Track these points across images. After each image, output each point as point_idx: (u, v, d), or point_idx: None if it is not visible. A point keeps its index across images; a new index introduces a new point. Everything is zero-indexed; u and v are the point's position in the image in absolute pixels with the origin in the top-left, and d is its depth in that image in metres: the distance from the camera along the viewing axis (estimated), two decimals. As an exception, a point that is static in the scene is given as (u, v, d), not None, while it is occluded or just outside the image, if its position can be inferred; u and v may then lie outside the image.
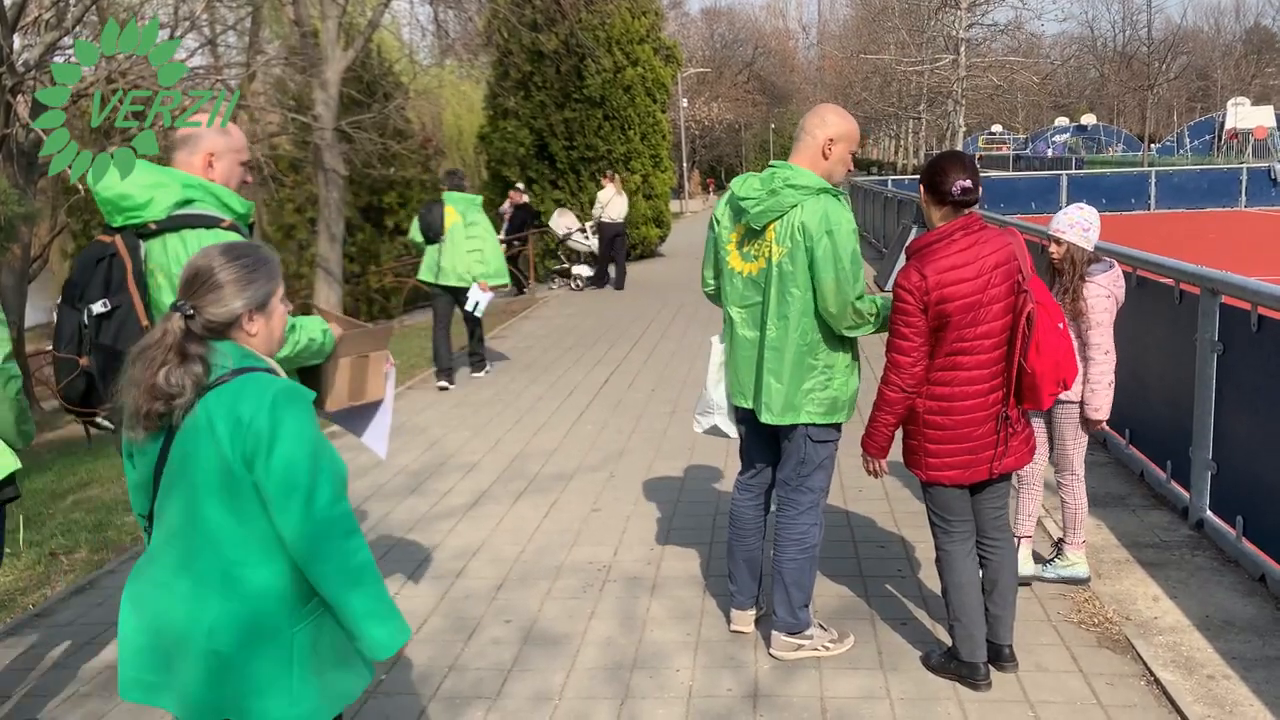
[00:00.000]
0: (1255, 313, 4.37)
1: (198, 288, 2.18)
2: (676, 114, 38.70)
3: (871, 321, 3.55)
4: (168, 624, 2.22)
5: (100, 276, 2.92)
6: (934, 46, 39.49)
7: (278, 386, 2.17)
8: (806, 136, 3.64)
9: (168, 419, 2.16)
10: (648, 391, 8.55)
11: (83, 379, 2.94)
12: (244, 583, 2.17)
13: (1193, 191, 27.73)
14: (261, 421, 2.10)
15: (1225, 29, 79.50)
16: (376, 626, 2.20)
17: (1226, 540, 4.63)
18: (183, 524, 2.20)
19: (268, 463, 2.10)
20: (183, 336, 2.15)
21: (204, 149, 3.07)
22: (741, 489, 3.99)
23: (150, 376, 2.13)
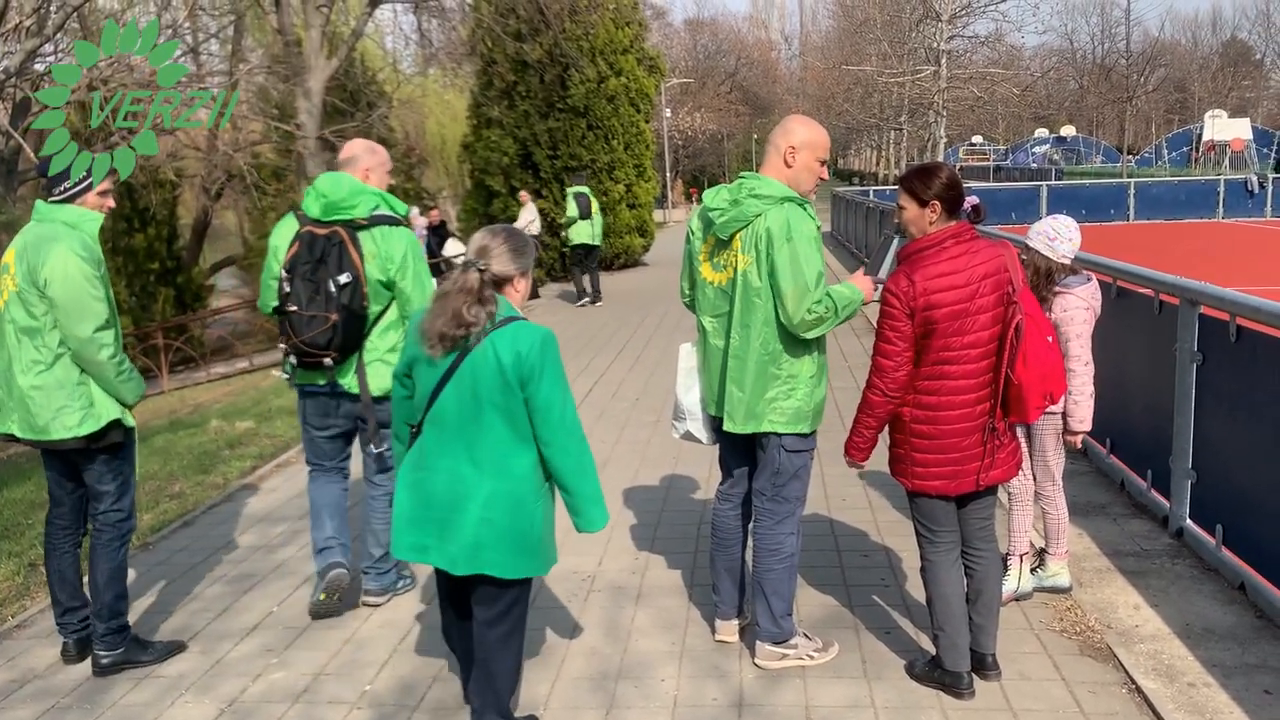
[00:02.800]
0: (1234, 323, 4.42)
1: (487, 254, 3.02)
2: (660, 124, 38.78)
3: (829, 319, 3.52)
4: (445, 498, 3.01)
5: (334, 256, 4.05)
6: (915, 58, 39.73)
7: (543, 332, 3.00)
8: (770, 147, 3.69)
9: (461, 343, 2.94)
10: (631, 401, 8.56)
11: (331, 330, 4.05)
12: (510, 468, 3.00)
13: (1171, 203, 27.98)
14: (535, 356, 2.94)
15: (1202, 42, 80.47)
16: (595, 507, 3.12)
17: (1206, 549, 4.67)
18: (466, 425, 2.98)
19: (539, 385, 2.95)
20: (479, 286, 2.95)
21: (362, 166, 4.28)
22: (722, 499, 4.01)
23: (455, 310, 2.92)
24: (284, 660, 4.10)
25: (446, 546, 3.01)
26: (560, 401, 2.99)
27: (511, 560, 3.02)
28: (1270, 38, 76.94)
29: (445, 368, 2.98)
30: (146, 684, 3.94)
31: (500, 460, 2.99)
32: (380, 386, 4.27)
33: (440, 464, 3.03)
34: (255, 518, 5.97)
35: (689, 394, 3.93)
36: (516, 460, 3.01)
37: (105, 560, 3.98)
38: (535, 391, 2.95)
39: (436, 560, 3.04)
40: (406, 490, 3.10)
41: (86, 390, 3.85)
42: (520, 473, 3.02)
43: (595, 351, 11.06)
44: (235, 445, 7.83)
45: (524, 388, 2.95)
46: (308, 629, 4.37)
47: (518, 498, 3.01)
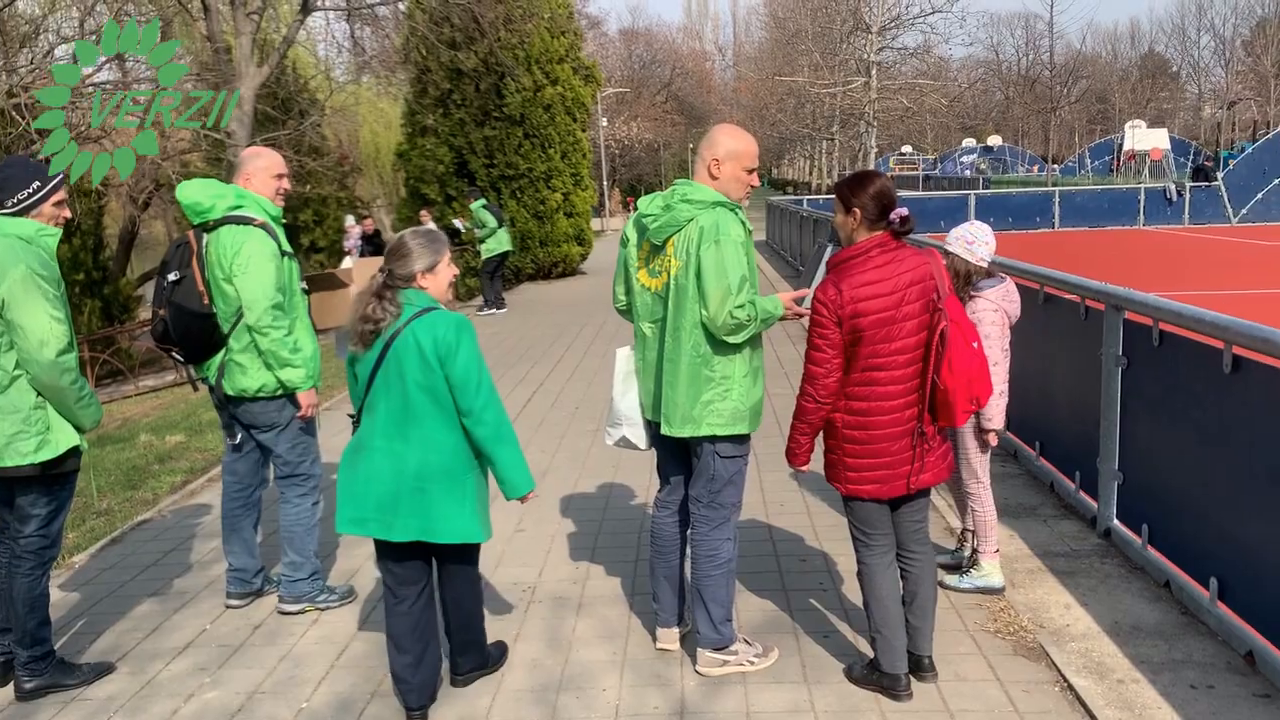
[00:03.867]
0: (1156, 328, 4.55)
1: (393, 256, 3.39)
2: (596, 133, 38.82)
3: (751, 324, 3.56)
4: (381, 474, 3.37)
5: (175, 258, 4.32)
6: (846, 69, 40.31)
7: (458, 317, 3.39)
8: (698, 158, 3.74)
9: (376, 337, 3.33)
10: (571, 410, 8.54)
11: (161, 323, 4.33)
12: (440, 443, 3.37)
13: (1094, 210, 28.75)
14: (451, 338, 3.30)
15: (1122, 55, 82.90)
16: (517, 473, 3.48)
17: (1133, 548, 4.80)
18: (396, 407, 3.35)
19: (455, 362, 3.31)
20: (381, 286, 3.36)
21: (244, 172, 4.39)
22: (660, 506, 4.02)
23: (361, 308, 3.35)
24: (217, 679, 4.01)
25: (385, 518, 3.39)
26: (476, 375, 3.35)
27: (448, 526, 3.42)
28: (1186, 51, 79.59)
29: (375, 358, 3.37)
30: (73, 707, 3.83)
31: (429, 436, 3.37)
32: (237, 386, 4.34)
33: (375, 444, 3.41)
34: (186, 533, 5.84)
35: (625, 398, 3.94)
36: (444, 436, 3.39)
37: (26, 588, 3.84)
38: (453, 368, 3.32)
39: (375, 531, 3.42)
40: (346, 470, 3.48)
41: (44, 415, 3.73)
42: (449, 447, 3.40)
43: (533, 361, 11.02)
44: (165, 460, 7.65)
45: (443, 366, 3.32)
46: (243, 646, 4.29)
47: (448, 469, 3.40)
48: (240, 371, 4.34)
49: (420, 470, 3.37)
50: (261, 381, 4.35)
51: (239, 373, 4.35)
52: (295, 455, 4.53)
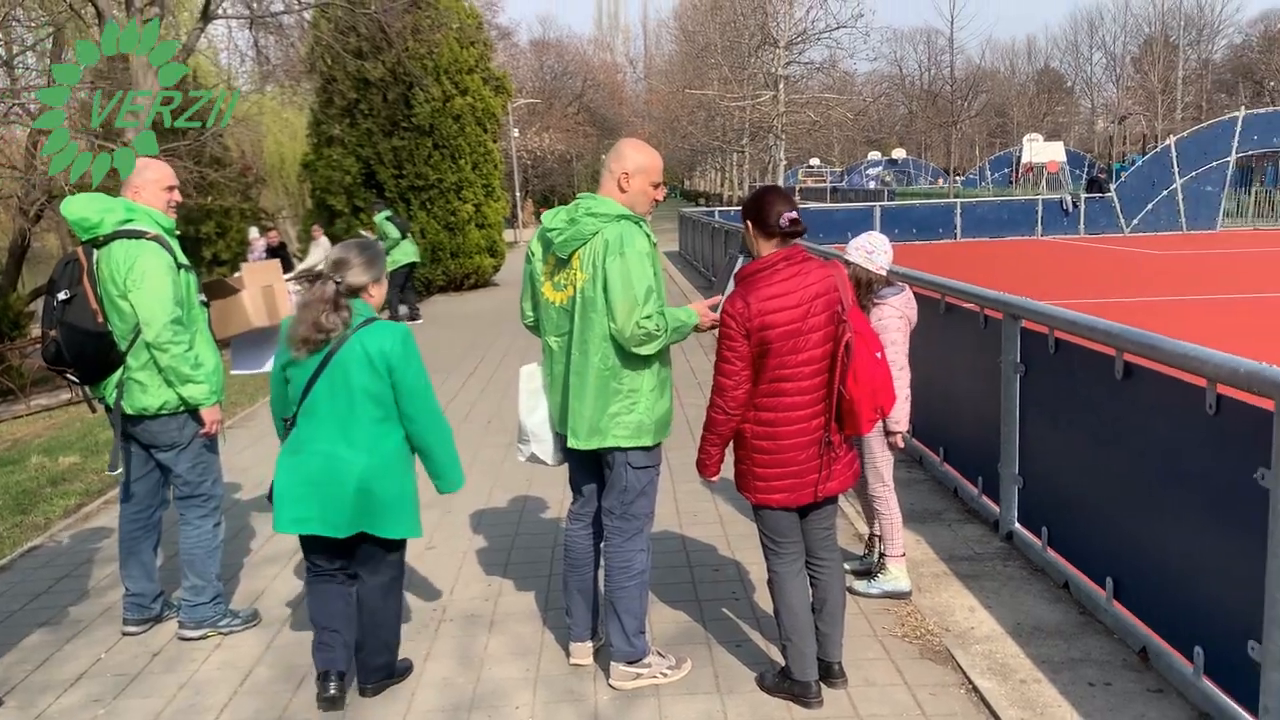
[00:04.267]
0: (1052, 336, 4.70)
1: (342, 267, 3.57)
2: (508, 143, 38.62)
3: (660, 336, 3.58)
4: (326, 476, 3.54)
5: (64, 276, 4.16)
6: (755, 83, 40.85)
7: (402, 328, 3.62)
8: (606, 172, 3.75)
9: (323, 345, 3.50)
10: (484, 424, 8.46)
11: (53, 345, 4.16)
12: (383, 445, 3.60)
13: (994, 222, 29.60)
14: (399, 348, 3.55)
15: (1019, 70, 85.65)
16: (454, 470, 3.76)
17: (1034, 550, 4.94)
18: (340, 411, 3.54)
19: (405, 372, 3.56)
20: (335, 295, 3.51)
21: (131, 185, 4.28)
22: (573, 519, 4.00)
23: (314, 318, 3.47)
24: (112, 710, 3.86)
25: (328, 516, 3.57)
26: (424, 384, 3.63)
27: (391, 522, 3.65)
28: (1079, 67, 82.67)
29: (315, 365, 3.54)
30: (-44, 746, 3.65)
31: (373, 439, 3.58)
32: (137, 405, 4.22)
33: (316, 447, 3.58)
34: (81, 559, 5.61)
35: (532, 416, 3.91)
36: (387, 439, 3.61)
37: None
38: (403, 377, 3.57)
39: (318, 529, 3.59)
40: (286, 473, 3.62)
41: None
42: (390, 449, 3.62)
43: (446, 374, 10.89)
44: (58, 482, 7.35)
45: (391, 375, 3.55)
46: (140, 675, 4.13)
47: (390, 469, 3.62)
48: (140, 390, 4.21)
49: (365, 471, 3.56)
50: (163, 399, 4.22)
51: (139, 391, 4.21)
52: (196, 475, 4.39)
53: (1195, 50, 69.03)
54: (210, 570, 4.43)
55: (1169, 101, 60.13)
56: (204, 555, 4.41)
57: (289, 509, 3.60)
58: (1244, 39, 72.72)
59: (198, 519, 4.42)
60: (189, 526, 4.42)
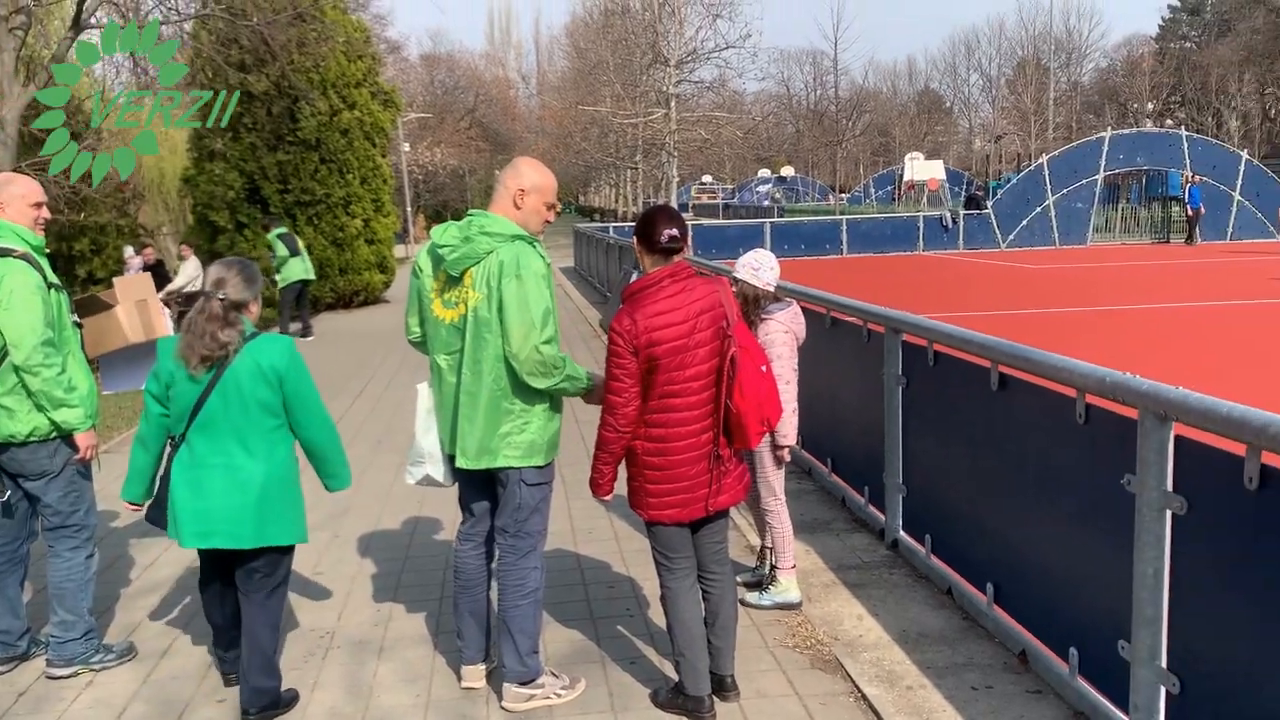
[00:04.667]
0: (931, 349, 4.85)
1: (224, 284, 3.67)
2: (398, 158, 38.09)
3: (555, 374, 3.56)
4: (227, 488, 3.63)
5: None
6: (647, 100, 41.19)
7: (286, 340, 3.78)
8: (501, 188, 3.72)
9: (218, 361, 3.60)
10: (373, 444, 8.30)
11: None
12: (277, 454, 3.72)
13: (878, 237, 30.44)
14: (287, 359, 3.69)
15: (901, 90, 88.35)
16: (345, 468, 3.94)
17: (918, 557, 5.07)
18: (237, 423, 3.64)
19: (295, 381, 3.70)
20: (224, 311, 3.63)
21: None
22: (464, 540, 3.94)
23: (210, 333, 3.59)
24: (-28, 757, 3.65)
25: (234, 528, 3.64)
26: (312, 391, 3.78)
27: (289, 529, 3.77)
28: (957, 89, 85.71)
29: (206, 382, 3.62)
30: None
31: (268, 448, 3.70)
32: (4, 432, 4.02)
33: (214, 460, 3.66)
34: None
35: (427, 435, 3.86)
36: (279, 446, 3.74)
37: None
38: (294, 386, 3.71)
39: (223, 542, 3.66)
40: (185, 489, 3.67)
41: None
42: (283, 457, 3.75)
43: (334, 393, 10.64)
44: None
45: (283, 385, 3.68)
46: (4, 717, 3.91)
47: (284, 478, 3.75)
48: (7, 415, 3.99)
49: (264, 480, 3.68)
50: (33, 425, 4.01)
51: (6, 417, 3.99)
52: (68, 505, 4.18)
53: (1065, 73, 72.39)
54: (82, 605, 4.23)
55: (1041, 122, 62.83)
56: (75, 589, 4.21)
57: (192, 524, 3.65)
58: (1109, 63, 76.67)
59: (68, 551, 4.21)
60: (59, 559, 4.21)
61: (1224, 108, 62.42)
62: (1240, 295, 17.29)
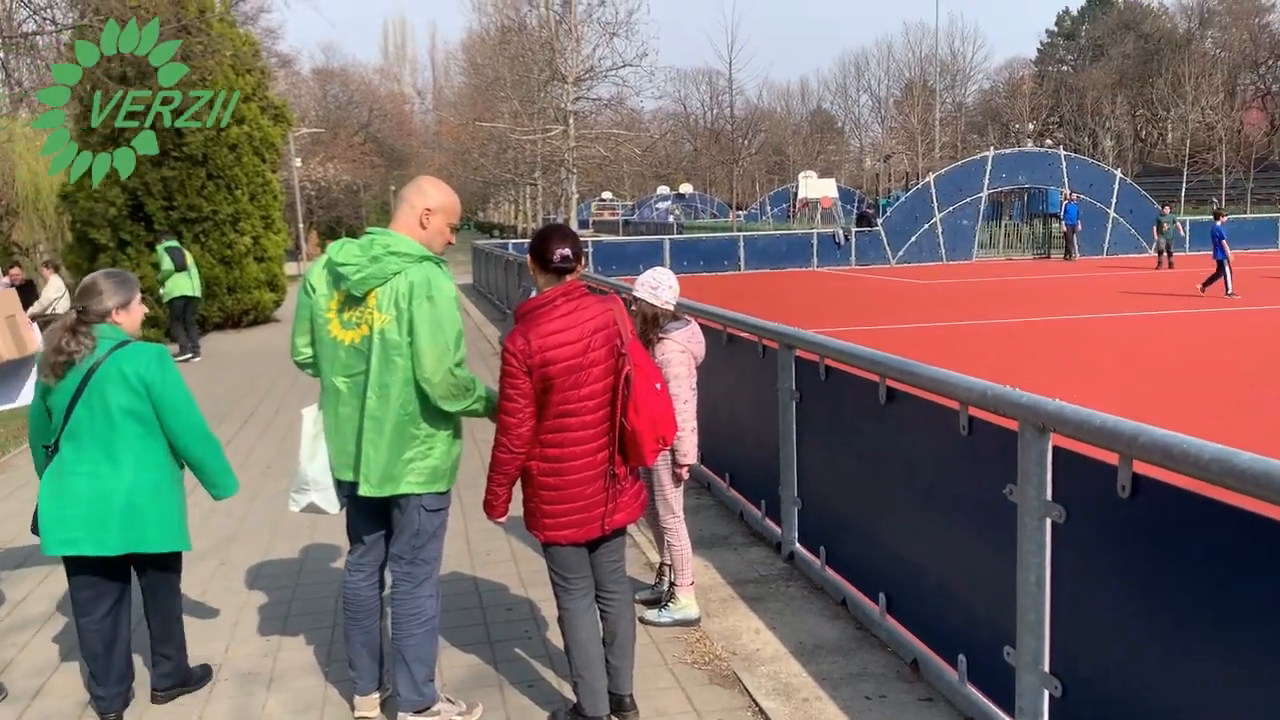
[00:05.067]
0: (823, 364, 4.93)
1: (86, 294, 3.74)
2: (290, 174, 37.24)
3: (467, 397, 3.54)
4: (91, 496, 3.63)
5: None
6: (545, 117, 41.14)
7: (157, 348, 3.77)
8: (405, 206, 3.64)
9: (68, 368, 3.62)
10: (263, 469, 8.06)
11: None
12: (148, 462, 3.72)
13: (774, 254, 30.96)
14: (155, 366, 3.70)
15: (794, 110, 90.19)
16: (225, 476, 3.96)
17: (814, 569, 5.14)
18: (102, 432, 3.65)
19: (162, 389, 3.71)
20: (75, 321, 3.68)
21: None
22: (354, 569, 3.83)
23: (55, 342, 3.61)
24: None
25: (96, 535, 3.65)
26: (184, 399, 3.77)
27: (160, 537, 3.77)
28: (848, 109, 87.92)
29: (73, 391, 3.65)
30: None
31: (137, 457, 3.70)
32: None
33: (80, 469, 3.67)
34: None
35: (314, 462, 3.73)
36: (151, 455, 3.73)
37: None
38: (161, 394, 3.71)
39: (88, 549, 3.66)
40: (52, 497, 3.68)
41: None
42: (156, 463, 3.75)
43: (222, 417, 10.31)
44: None
45: (150, 393, 3.68)
46: None
47: (157, 484, 3.75)
48: None
49: (132, 488, 3.68)
50: None
51: None
52: None
53: (950, 94, 74.91)
54: None
55: (928, 141, 64.82)
56: None
57: (57, 531, 3.66)
58: (991, 84, 79.71)
59: None
60: None
61: (1099, 128, 65.43)
62: (1115, 308, 18.08)
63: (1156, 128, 68.80)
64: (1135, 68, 67.18)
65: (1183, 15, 72.54)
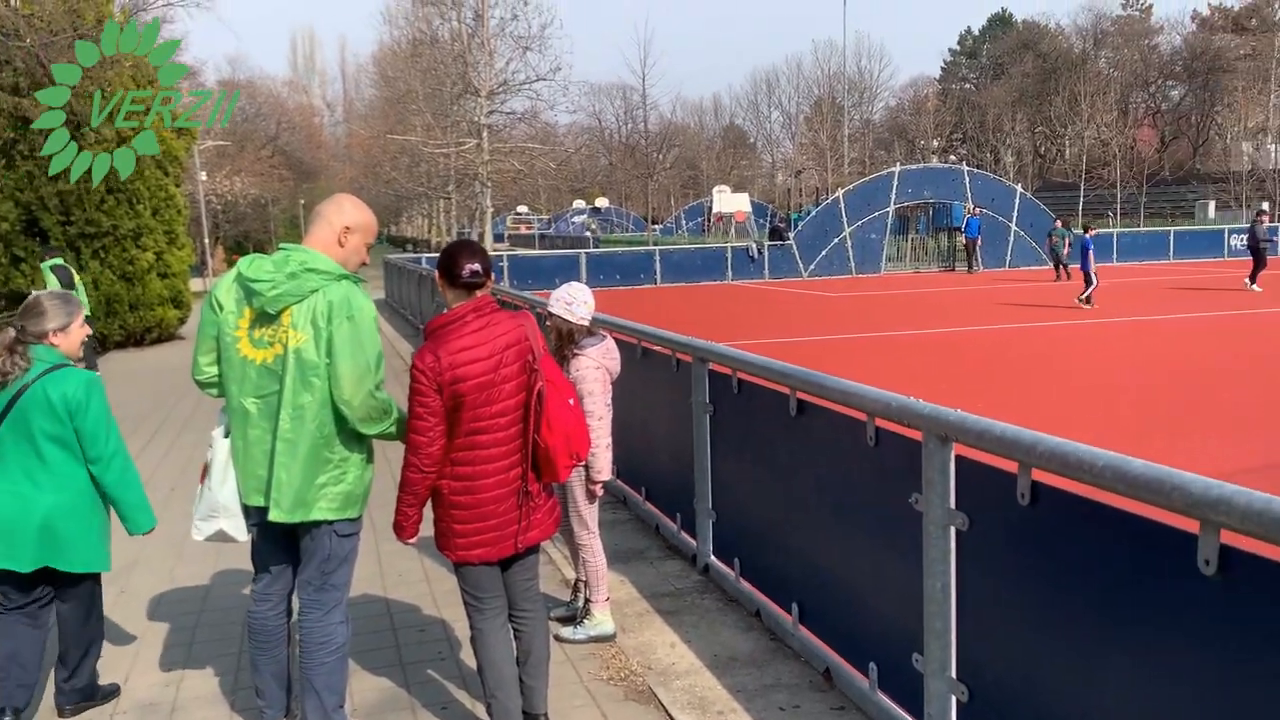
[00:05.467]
0: (736, 377, 4.98)
1: (24, 314, 3.81)
2: (194, 188, 36.31)
3: (385, 420, 3.48)
4: (11, 514, 3.70)
5: None
6: (458, 130, 40.87)
7: (87, 375, 3.81)
8: (323, 222, 3.55)
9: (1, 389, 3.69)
10: (167, 491, 7.80)
11: None
12: (68, 485, 3.78)
13: (690, 267, 31.22)
14: (81, 394, 3.74)
15: (708, 126, 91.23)
16: (140, 513, 3.98)
17: (728, 581, 5.18)
18: (24, 454, 3.73)
19: (85, 417, 3.76)
20: (12, 341, 3.74)
21: None
22: (260, 599, 3.71)
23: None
24: None
25: (13, 551, 3.71)
26: (105, 428, 3.82)
27: (78, 557, 3.82)
28: (760, 125, 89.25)
29: (1, 409, 3.70)
30: None
31: (59, 479, 3.76)
32: None
33: (4, 487, 3.73)
34: None
35: (224, 488, 3.59)
36: (73, 478, 3.79)
37: None
38: (84, 422, 3.75)
39: (3, 563, 3.71)
40: None
41: None
42: (77, 487, 3.80)
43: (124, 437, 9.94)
44: None
45: (73, 419, 3.73)
46: None
47: (76, 507, 3.80)
48: None
49: (51, 509, 3.74)
50: None
51: None
52: None
53: (858, 111, 76.57)
54: None
55: (837, 157, 66.06)
56: None
57: None
58: (898, 102, 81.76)
59: None
60: None
61: (1000, 144, 67.52)
62: (1013, 319, 18.63)
63: (1055, 144, 71.32)
64: (1034, 86, 69.61)
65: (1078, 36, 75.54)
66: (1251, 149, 56.69)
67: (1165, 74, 70.82)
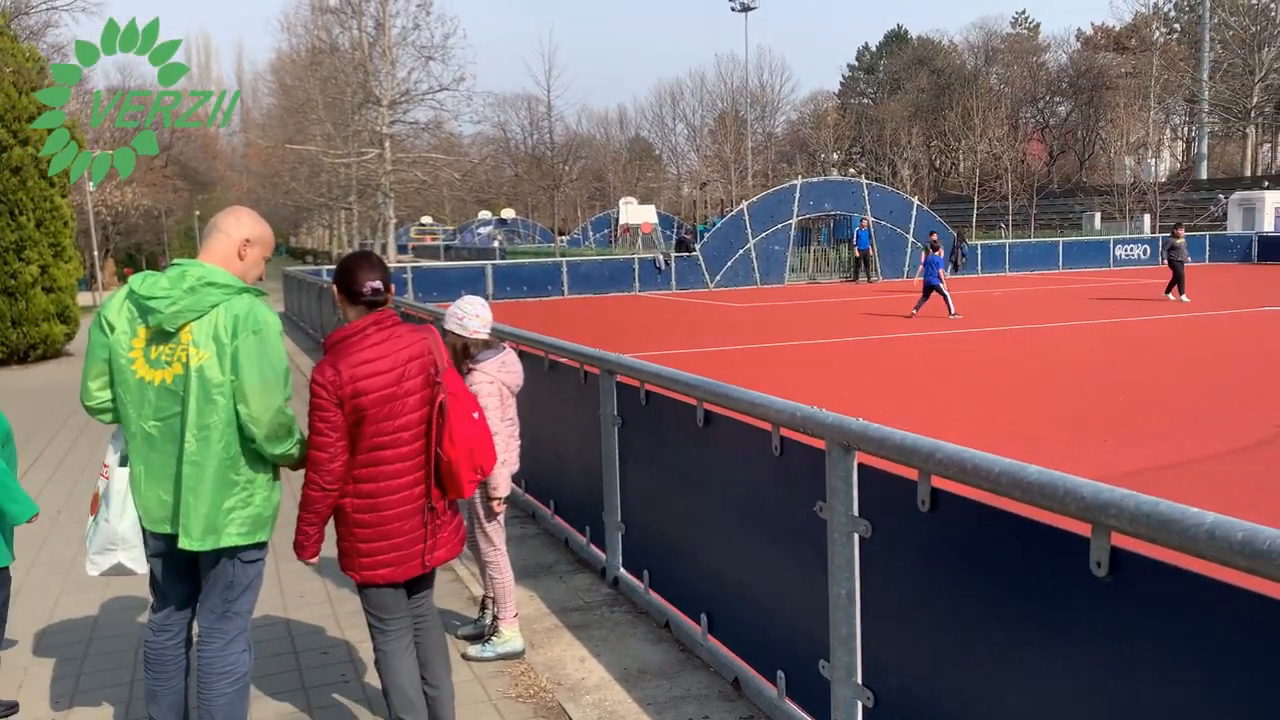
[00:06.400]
0: (643, 389, 4.98)
1: None
2: (83, 199, 34.99)
3: (289, 440, 3.36)
4: None
5: None
6: (360, 140, 40.26)
7: None
8: (221, 235, 3.42)
9: None
10: (53, 515, 7.47)
11: None
12: None
13: (597, 279, 31.27)
14: None
15: (613, 138, 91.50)
16: (15, 504, 4.30)
17: (637, 593, 5.17)
18: None
19: None
20: None
21: None
22: (159, 629, 3.55)
23: None
24: None
25: None
26: None
27: None
28: (665, 137, 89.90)
29: None
30: None
31: None
32: None
33: None
34: None
35: (124, 519, 3.38)
36: None
37: None
38: None
39: None
40: None
41: None
42: None
43: (3, 461, 9.51)
44: None
45: None
46: None
47: None
48: None
49: None
50: None
51: None
52: None
53: (760, 124, 77.82)
54: None
55: (741, 169, 66.98)
56: None
57: None
58: (799, 115, 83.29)
59: None
60: None
61: (897, 158, 69.19)
62: (910, 328, 19.11)
63: (949, 157, 73.54)
64: (929, 101, 71.68)
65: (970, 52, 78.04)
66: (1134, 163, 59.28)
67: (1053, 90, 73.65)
